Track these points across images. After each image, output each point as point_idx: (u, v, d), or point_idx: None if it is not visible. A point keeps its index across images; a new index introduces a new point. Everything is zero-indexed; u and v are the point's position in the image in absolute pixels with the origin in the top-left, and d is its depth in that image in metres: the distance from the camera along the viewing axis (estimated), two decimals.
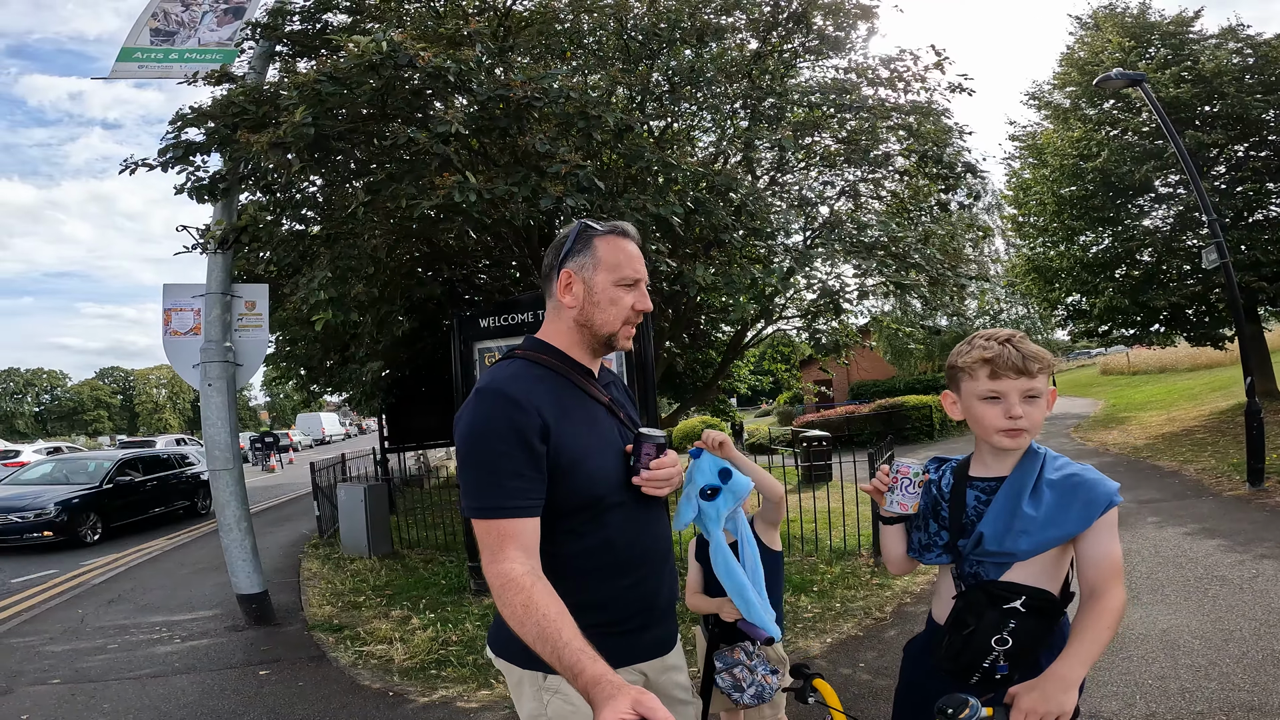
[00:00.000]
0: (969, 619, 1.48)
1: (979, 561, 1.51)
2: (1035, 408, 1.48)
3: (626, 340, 1.54)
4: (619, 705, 1.02)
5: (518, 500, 1.34)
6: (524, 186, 3.95)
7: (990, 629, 1.44)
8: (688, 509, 1.72)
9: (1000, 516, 1.48)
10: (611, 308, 1.50)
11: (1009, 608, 1.43)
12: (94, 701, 4.07)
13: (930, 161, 6.71)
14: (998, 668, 1.46)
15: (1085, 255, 14.10)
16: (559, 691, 1.41)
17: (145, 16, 5.42)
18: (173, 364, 5.63)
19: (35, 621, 6.02)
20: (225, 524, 5.50)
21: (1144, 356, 25.75)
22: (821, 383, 28.76)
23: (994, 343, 1.51)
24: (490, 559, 1.32)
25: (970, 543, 1.51)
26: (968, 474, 1.61)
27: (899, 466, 1.58)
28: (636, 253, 1.54)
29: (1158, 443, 11.67)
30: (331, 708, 3.82)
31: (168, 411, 70.84)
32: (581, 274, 1.50)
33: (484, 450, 1.35)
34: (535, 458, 1.36)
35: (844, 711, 1.55)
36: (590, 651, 1.15)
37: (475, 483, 1.36)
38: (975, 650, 1.46)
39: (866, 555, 6.44)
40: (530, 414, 1.36)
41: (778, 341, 13.19)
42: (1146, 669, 3.50)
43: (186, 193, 4.81)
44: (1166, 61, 12.29)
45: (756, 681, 1.98)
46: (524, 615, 1.23)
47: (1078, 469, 1.49)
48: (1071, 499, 1.44)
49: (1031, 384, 1.47)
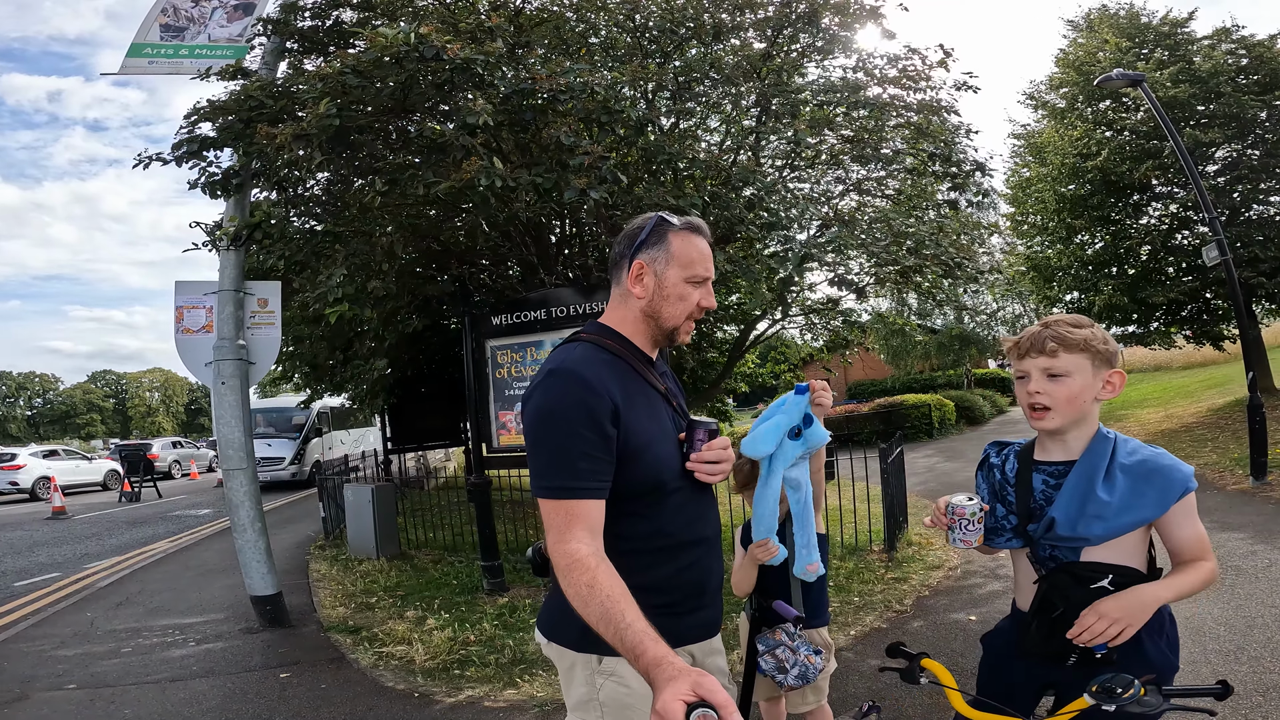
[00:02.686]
0: (1057, 601, 1.48)
1: (1053, 546, 1.50)
2: (1060, 386, 1.49)
3: (687, 335, 1.57)
4: (679, 687, 1.03)
5: (587, 481, 1.35)
6: (548, 178, 3.94)
7: (1080, 609, 1.43)
8: (770, 438, 1.70)
9: (1073, 501, 1.47)
10: (680, 303, 1.52)
11: (1097, 587, 1.43)
12: (114, 707, 4.01)
13: (939, 160, 6.74)
14: (1095, 647, 1.45)
15: (1083, 253, 14.20)
16: (614, 674, 1.42)
17: (155, 12, 5.39)
18: (185, 362, 5.57)
19: (43, 625, 5.94)
20: (239, 524, 5.44)
21: (1139, 355, 25.92)
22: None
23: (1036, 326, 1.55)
24: (557, 539, 1.33)
25: (1041, 527, 1.51)
26: (1033, 458, 1.61)
27: (954, 509, 1.56)
28: (708, 251, 1.56)
29: (1158, 439, 11.74)
30: (359, 709, 3.78)
31: (160, 415, 70.29)
32: (654, 266, 1.52)
33: (556, 430, 1.37)
34: (606, 440, 1.37)
35: (959, 690, 1.52)
36: (653, 633, 1.16)
37: (546, 462, 1.37)
38: (1067, 631, 1.46)
39: (878, 551, 6.45)
40: (602, 397, 1.38)
41: (779, 343, 13.21)
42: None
43: (200, 188, 4.77)
44: (1163, 62, 12.40)
45: (799, 662, 1.97)
46: (588, 595, 1.24)
47: (1151, 453, 1.48)
48: (1147, 485, 1.44)
49: (1051, 363, 1.49)
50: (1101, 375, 1.51)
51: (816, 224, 6.29)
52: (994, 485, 1.66)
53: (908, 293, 9.67)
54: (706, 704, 1.00)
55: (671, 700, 1.01)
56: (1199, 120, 12.27)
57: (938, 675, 1.55)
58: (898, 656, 1.62)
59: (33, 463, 19.06)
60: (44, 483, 17.95)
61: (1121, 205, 13.58)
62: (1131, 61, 12.56)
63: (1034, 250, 15.44)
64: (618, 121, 4.12)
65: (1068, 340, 1.48)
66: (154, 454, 22.96)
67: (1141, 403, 17.52)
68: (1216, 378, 17.39)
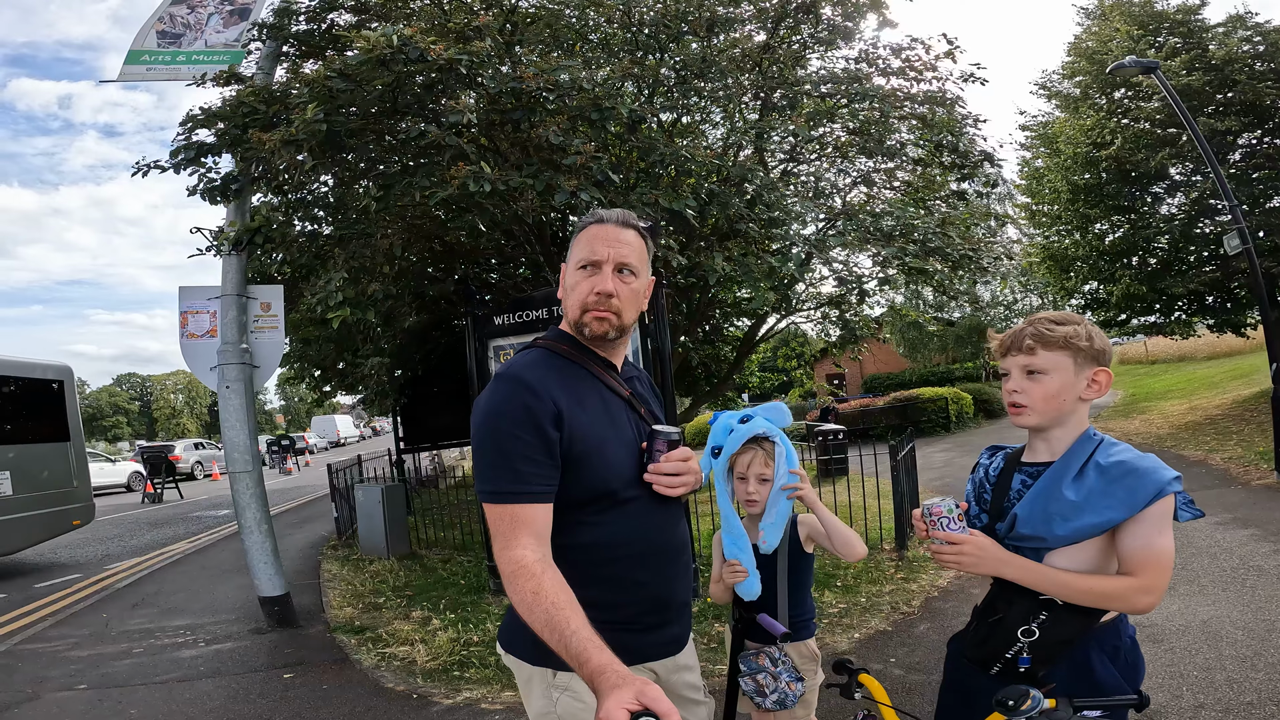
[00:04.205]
0: (1000, 606, 1.43)
1: (1016, 547, 1.43)
2: (1037, 384, 1.43)
3: (599, 324, 1.46)
4: (623, 695, 1.01)
5: (531, 485, 1.33)
6: (539, 180, 3.91)
7: (1019, 618, 1.39)
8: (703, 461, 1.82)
9: (1038, 499, 1.42)
10: (573, 294, 1.48)
11: (1044, 599, 1.37)
12: (120, 707, 4.07)
13: (946, 150, 6.61)
14: (1019, 660, 1.40)
15: (1101, 243, 13.95)
16: (569, 689, 1.40)
17: (151, 20, 5.44)
18: (190, 367, 5.64)
19: (60, 626, 6.05)
20: (246, 526, 5.50)
21: (1162, 345, 25.42)
22: (834, 377, 28.56)
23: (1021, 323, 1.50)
24: (502, 545, 1.31)
25: (1005, 525, 1.45)
26: (1019, 460, 1.55)
27: (930, 508, 1.51)
28: (601, 233, 1.47)
29: (1181, 432, 11.49)
30: (357, 711, 3.80)
31: (185, 416, 71.51)
32: (566, 266, 1.52)
33: (497, 434, 1.35)
34: (548, 443, 1.34)
35: (893, 706, 1.49)
36: (597, 641, 1.14)
37: (489, 466, 1.36)
38: (1000, 639, 1.42)
39: (890, 549, 6.36)
40: (544, 399, 1.35)
41: (790, 337, 13.11)
42: (1190, 660, 3.42)
43: (199, 194, 4.81)
44: (1176, 50, 12.17)
45: (780, 689, 1.95)
46: (533, 602, 1.22)
47: (1132, 455, 1.38)
48: (1116, 485, 1.34)
49: (1030, 360, 1.44)
50: (1085, 374, 1.43)
51: (822, 219, 6.21)
52: (976, 485, 1.62)
53: (920, 286, 9.55)
54: (650, 713, 0.99)
55: (615, 708, 1.00)
56: (1216, 108, 12.00)
57: (872, 692, 1.52)
58: (841, 672, 1.59)
59: None
60: None
61: (1139, 194, 13.33)
62: (1144, 50, 12.32)
63: (1050, 240, 15.20)
64: (609, 118, 4.07)
65: (1047, 338, 1.43)
66: (176, 455, 23.44)
67: (1165, 394, 17.16)
68: (1242, 368, 16.99)
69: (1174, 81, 11.15)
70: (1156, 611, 4.08)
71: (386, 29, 3.68)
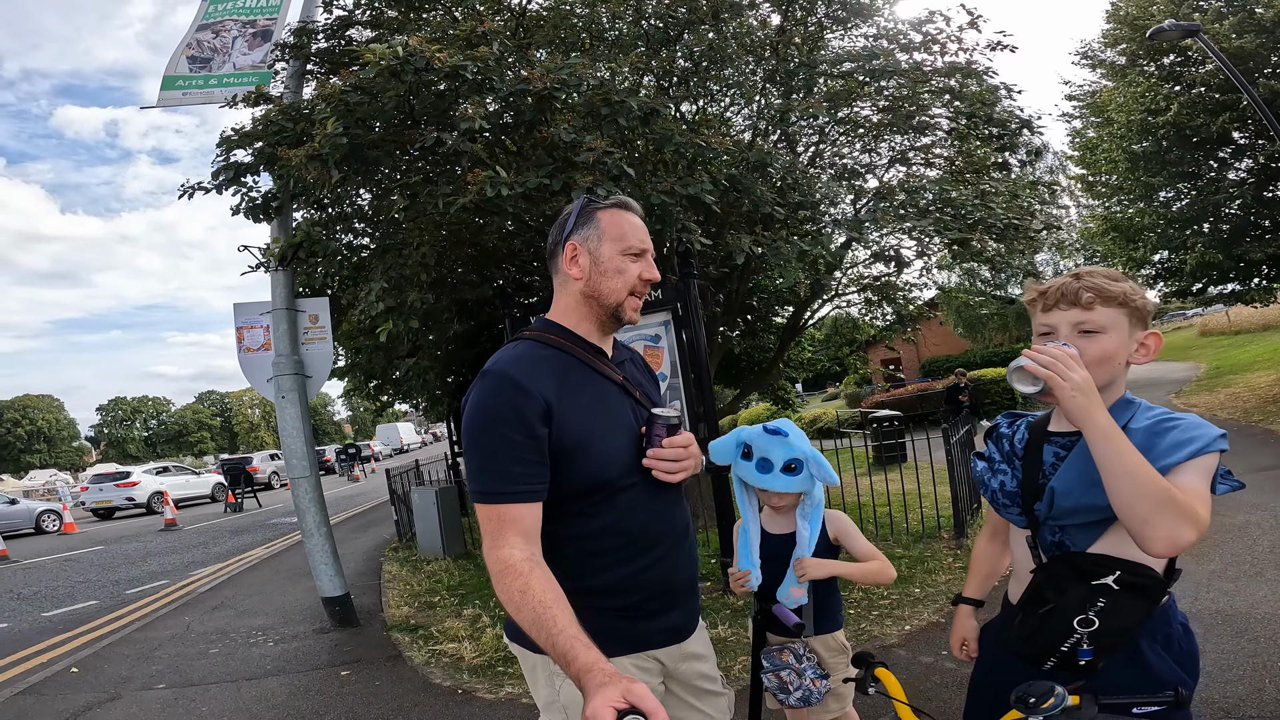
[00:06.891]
0: (1048, 594, 1.30)
1: (1061, 528, 1.31)
2: (1092, 342, 1.27)
3: (634, 312, 1.51)
4: (609, 694, 1.00)
5: (518, 485, 1.33)
6: (555, 180, 3.94)
7: (1074, 607, 1.26)
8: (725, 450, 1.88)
9: (1074, 466, 1.29)
10: (618, 277, 1.48)
11: (1099, 584, 1.24)
12: (194, 705, 4.31)
13: (980, 122, 6.34)
14: (1079, 652, 1.28)
15: (1168, 211, 13.15)
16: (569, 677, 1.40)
17: (181, 46, 5.72)
18: (249, 379, 5.92)
19: (146, 629, 6.45)
20: (306, 530, 5.74)
21: (1246, 314, 23.69)
22: (890, 362, 27.75)
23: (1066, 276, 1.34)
24: (490, 544, 1.32)
25: (1044, 505, 1.31)
26: (1046, 429, 1.41)
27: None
28: (640, 224, 1.53)
29: (1270, 405, 10.69)
30: (404, 706, 3.92)
31: (262, 430, 75.22)
32: (586, 245, 1.49)
33: (485, 434, 1.35)
34: (536, 442, 1.34)
35: (908, 703, 1.43)
36: (584, 639, 1.14)
37: (477, 467, 1.36)
38: (1053, 631, 1.29)
39: (948, 537, 6.15)
40: (532, 396, 1.34)
41: (840, 323, 12.78)
42: (1276, 651, 3.17)
43: (243, 213, 5.04)
44: (1221, 12, 11.39)
45: (804, 686, 1.91)
46: (521, 600, 1.23)
47: (1175, 415, 1.25)
48: (1159, 439, 1.21)
49: (1086, 316, 1.28)
50: (1137, 336, 1.31)
51: (856, 204, 6.04)
52: (1003, 453, 1.47)
53: (969, 263, 9.16)
54: (637, 711, 0.98)
55: (601, 707, 0.99)
56: (1275, 69, 11.17)
57: (888, 687, 1.46)
58: (860, 665, 1.52)
59: (146, 480, 20.87)
60: (158, 497, 19.59)
61: (1203, 159, 12.51)
62: (1186, 14, 11.57)
63: (1112, 211, 14.42)
64: (619, 112, 4.07)
65: (1106, 293, 1.28)
66: (254, 466, 24.69)
67: (1251, 365, 15.99)
68: None
69: (1224, 45, 10.49)
70: (1241, 598, 3.80)
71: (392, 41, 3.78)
